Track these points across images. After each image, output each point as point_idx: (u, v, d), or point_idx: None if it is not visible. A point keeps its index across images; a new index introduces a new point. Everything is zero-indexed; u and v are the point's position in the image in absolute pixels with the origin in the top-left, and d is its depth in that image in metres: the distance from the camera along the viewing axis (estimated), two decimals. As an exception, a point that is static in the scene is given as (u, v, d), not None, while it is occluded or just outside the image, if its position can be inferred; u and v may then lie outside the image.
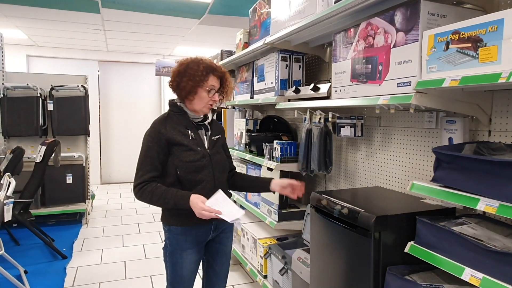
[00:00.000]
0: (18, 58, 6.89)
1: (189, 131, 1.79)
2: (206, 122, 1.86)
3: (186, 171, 1.75)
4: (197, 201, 1.64)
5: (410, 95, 1.41)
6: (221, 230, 1.91)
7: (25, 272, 3.30)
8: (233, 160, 2.13)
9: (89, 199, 5.23)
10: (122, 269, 3.51)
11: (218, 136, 1.91)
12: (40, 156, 3.99)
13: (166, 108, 7.15)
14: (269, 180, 1.94)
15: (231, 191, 2.06)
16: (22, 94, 4.76)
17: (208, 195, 1.73)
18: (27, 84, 4.75)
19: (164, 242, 1.87)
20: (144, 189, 1.70)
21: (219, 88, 1.84)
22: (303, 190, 1.88)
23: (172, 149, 1.75)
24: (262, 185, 1.98)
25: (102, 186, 7.48)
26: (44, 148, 4.02)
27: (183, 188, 1.74)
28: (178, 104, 1.83)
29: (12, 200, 2.85)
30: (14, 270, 3.24)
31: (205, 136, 1.86)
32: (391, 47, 1.55)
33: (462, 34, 1.22)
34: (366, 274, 1.52)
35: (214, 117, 1.97)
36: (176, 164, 1.74)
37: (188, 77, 1.74)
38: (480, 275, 1.15)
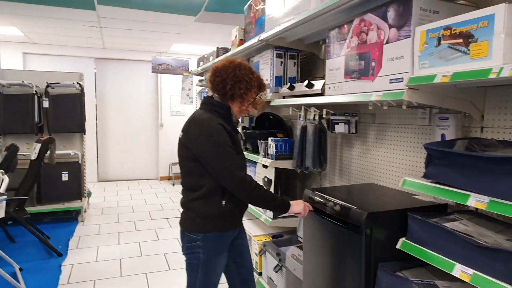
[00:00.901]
0: (14, 56, 6.85)
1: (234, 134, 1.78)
2: (239, 128, 1.89)
3: None
4: (299, 202, 1.81)
5: (402, 91, 1.41)
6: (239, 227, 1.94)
7: (20, 269, 3.29)
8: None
9: (85, 196, 5.22)
10: (117, 267, 3.50)
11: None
12: (35, 153, 3.98)
13: (164, 107, 7.09)
14: None
15: None
16: (17, 91, 4.74)
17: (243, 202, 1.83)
18: (23, 82, 4.73)
19: (191, 254, 1.76)
20: (255, 182, 1.68)
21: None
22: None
23: None
24: None
25: (99, 183, 7.46)
26: (39, 145, 4.01)
27: (223, 191, 1.72)
28: (229, 106, 1.79)
29: (5, 197, 2.84)
30: (9, 268, 3.23)
31: (241, 141, 1.88)
32: (384, 43, 1.55)
33: (454, 30, 1.22)
34: (358, 270, 1.52)
35: None
36: None
37: (244, 83, 1.74)
38: (471, 271, 1.15)
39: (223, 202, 1.72)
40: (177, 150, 1.81)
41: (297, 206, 1.79)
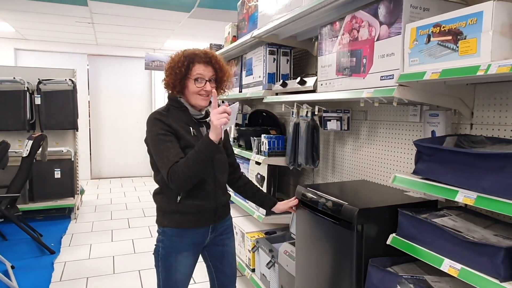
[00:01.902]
0: (5, 52, 6.78)
1: (191, 128, 1.67)
2: (208, 119, 1.71)
3: None
4: (213, 128, 1.49)
5: (393, 88, 1.42)
6: (220, 231, 1.81)
7: (12, 267, 3.27)
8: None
9: (78, 194, 5.19)
10: (110, 264, 3.49)
11: None
12: (27, 150, 3.95)
13: (157, 102, 7.07)
14: (274, 202, 1.97)
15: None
16: (9, 88, 4.69)
17: (208, 197, 1.69)
18: (14, 78, 4.68)
19: (155, 246, 1.75)
20: (176, 167, 1.51)
21: (214, 76, 1.69)
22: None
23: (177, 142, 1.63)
24: (266, 203, 1.99)
25: (92, 181, 7.43)
26: (30, 142, 3.97)
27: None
28: (179, 98, 1.70)
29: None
30: (1, 266, 3.21)
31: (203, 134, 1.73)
32: (375, 40, 1.56)
33: (443, 27, 1.23)
34: (349, 266, 1.53)
35: None
36: None
37: (171, 70, 1.65)
38: (459, 266, 1.17)
39: (178, 198, 1.65)
40: None
41: (214, 131, 1.49)
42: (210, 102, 1.70)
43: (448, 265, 1.20)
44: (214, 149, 1.51)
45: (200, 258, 1.84)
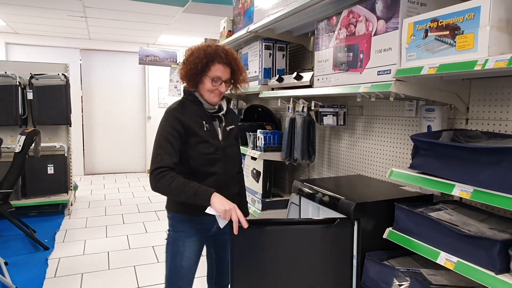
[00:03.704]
0: (-4, 46, 6.69)
1: (204, 122, 1.70)
2: (220, 114, 1.75)
3: (200, 163, 1.67)
4: (225, 202, 1.48)
5: (390, 83, 1.42)
6: None
7: (6, 263, 3.24)
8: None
9: (71, 189, 5.15)
10: (105, 260, 3.48)
11: (231, 127, 1.80)
12: (19, 146, 3.90)
13: (150, 98, 6.99)
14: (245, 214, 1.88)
15: None
16: (0, 82, 4.62)
17: (219, 189, 1.62)
18: (5, 72, 4.61)
19: (167, 233, 1.78)
20: (165, 174, 1.54)
21: (230, 77, 1.71)
22: None
23: (188, 139, 1.65)
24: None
25: (85, 177, 7.37)
26: (23, 138, 3.92)
27: (194, 179, 1.61)
28: (194, 92, 1.71)
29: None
30: (-6, 262, 3.18)
31: (219, 128, 1.75)
32: (372, 35, 1.56)
33: (441, 22, 1.23)
34: (345, 260, 1.54)
35: (231, 106, 1.88)
36: (190, 155, 1.66)
37: (191, 64, 1.65)
38: (455, 259, 1.18)
39: None
40: None
41: (220, 203, 1.48)
42: (223, 97, 1.77)
43: (444, 258, 1.21)
44: (202, 204, 1.50)
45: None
